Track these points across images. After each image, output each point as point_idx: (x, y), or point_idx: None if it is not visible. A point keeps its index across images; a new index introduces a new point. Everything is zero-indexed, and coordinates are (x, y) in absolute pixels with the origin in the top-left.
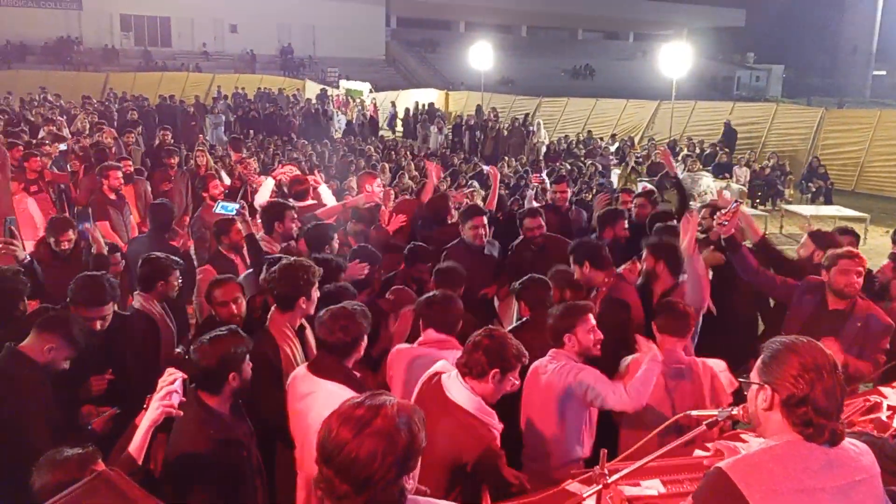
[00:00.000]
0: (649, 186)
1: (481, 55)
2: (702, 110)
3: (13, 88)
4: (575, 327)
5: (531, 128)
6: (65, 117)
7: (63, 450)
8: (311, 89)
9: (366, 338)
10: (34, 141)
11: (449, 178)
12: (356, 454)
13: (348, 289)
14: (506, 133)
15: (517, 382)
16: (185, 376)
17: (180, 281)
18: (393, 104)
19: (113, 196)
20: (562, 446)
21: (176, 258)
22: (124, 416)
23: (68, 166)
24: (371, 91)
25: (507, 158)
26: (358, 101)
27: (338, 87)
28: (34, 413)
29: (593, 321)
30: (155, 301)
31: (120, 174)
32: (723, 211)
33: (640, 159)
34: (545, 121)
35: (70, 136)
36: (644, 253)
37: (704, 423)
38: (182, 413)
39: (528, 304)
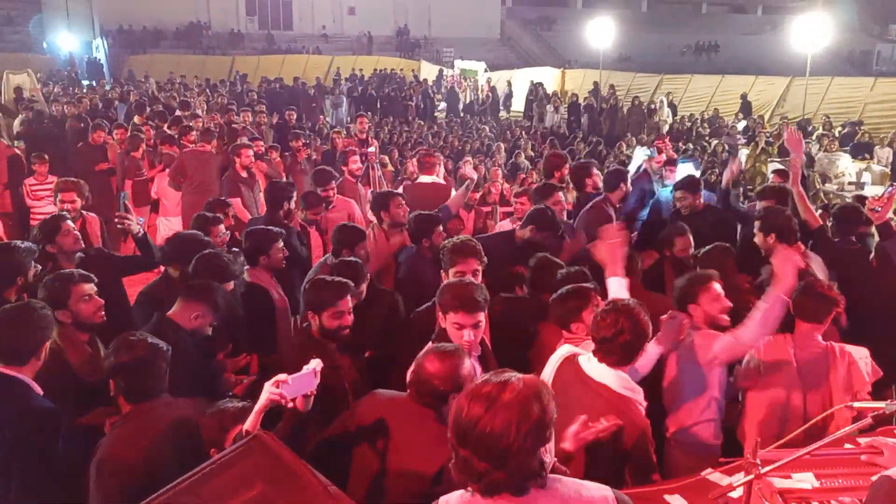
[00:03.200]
0: (780, 167)
1: (600, 31)
2: (838, 87)
3: (149, 72)
4: (698, 296)
5: (652, 106)
6: (200, 98)
7: (227, 401)
8: (427, 70)
9: None
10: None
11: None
12: (490, 428)
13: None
14: (625, 111)
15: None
16: (320, 367)
17: (284, 252)
18: (508, 83)
19: (244, 174)
20: (706, 427)
21: (277, 229)
22: None
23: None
24: (486, 70)
25: (628, 137)
26: (472, 80)
27: (453, 68)
28: (185, 377)
29: (718, 289)
30: (263, 273)
31: (251, 153)
32: (875, 196)
33: (771, 139)
34: (668, 99)
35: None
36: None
37: (870, 415)
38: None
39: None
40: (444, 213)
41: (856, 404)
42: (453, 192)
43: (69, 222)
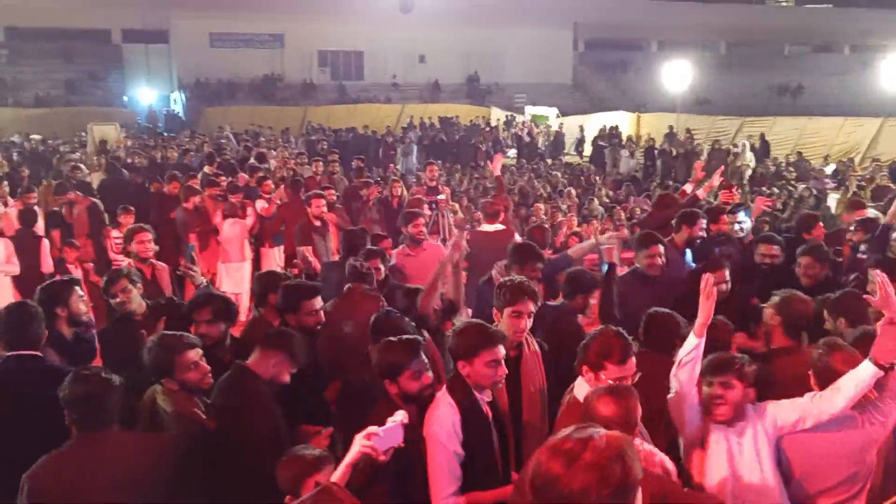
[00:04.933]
0: (873, 213)
1: (676, 74)
2: None
3: (225, 123)
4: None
5: (735, 150)
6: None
7: (303, 447)
8: (497, 116)
9: None
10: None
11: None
12: (569, 489)
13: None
14: (704, 156)
15: None
16: (405, 420)
17: (318, 316)
18: (580, 128)
19: (317, 223)
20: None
21: (313, 284)
22: None
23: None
24: (557, 116)
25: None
26: (543, 126)
27: (523, 113)
28: (265, 427)
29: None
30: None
31: (323, 202)
32: None
33: (863, 182)
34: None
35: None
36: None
37: None
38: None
39: (848, 319)
40: (563, 261)
41: None
42: (517, 237)
43: (78, 289)
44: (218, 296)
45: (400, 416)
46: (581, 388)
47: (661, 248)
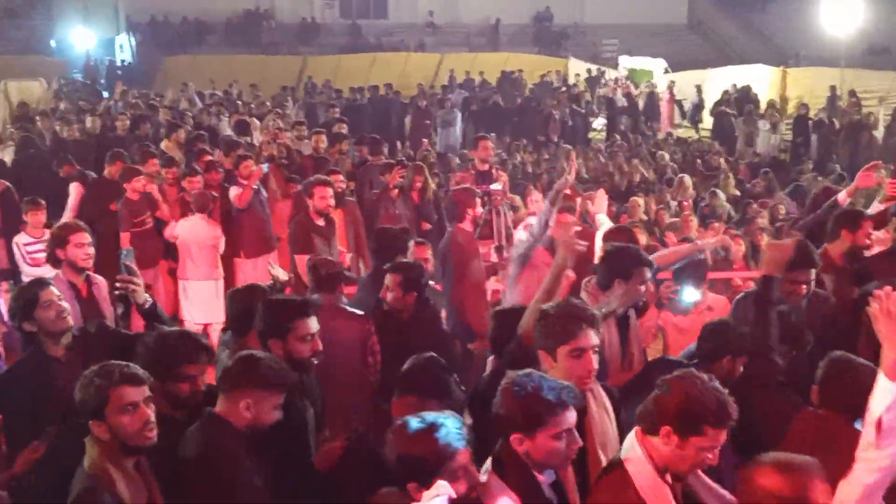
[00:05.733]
0: None
1: (841, 12)
2: None
3: (190, 77)
4: None
5: None
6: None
7: None
8: (577, 70)
9: None
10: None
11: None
12: None
13: None
14: (881, 130)
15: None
16: (452, 495)
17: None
18: (698, 89)
19: (321, 222)
20: None
21: (306, 299)
22: None
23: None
24: (666, 70)
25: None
26: (646, 84)
27: (616, 67)
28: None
29: None
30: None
31: (329, 193)
32: None
33: None
34: None
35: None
36: None
37: None
38: None
39: None
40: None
41: None
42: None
43: (52, 289)
44: (189, 336)
45: (444, 489)
46: (634, 451)
47: (812, 274)
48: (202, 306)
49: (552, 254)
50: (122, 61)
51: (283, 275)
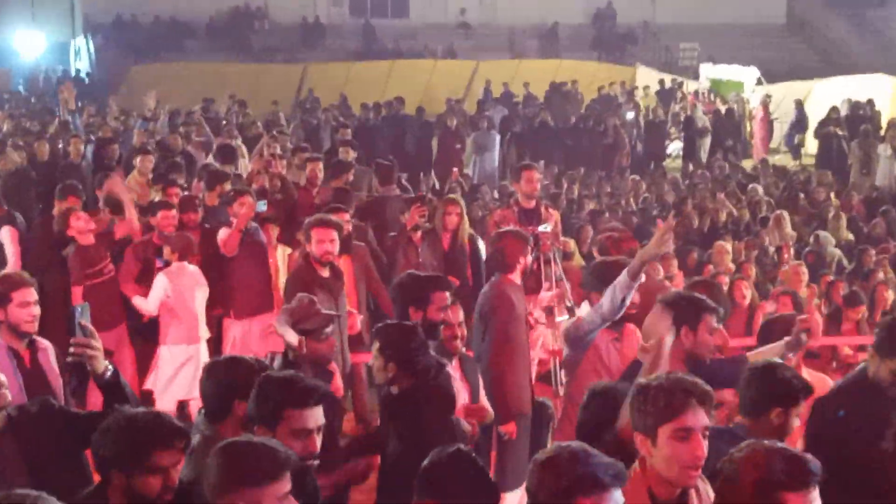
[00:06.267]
0: None
1: None
2: None
3: (164, 90)
4: None
5: None
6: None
7: None
8: (647, 81)
9: None
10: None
11: None
12: None
13: None
14: None
15: None
16: None
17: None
18: (798, 104)
19: (324, 272)
20: None
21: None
22: None
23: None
24: (760, 82)
25: None
26: (734, 98)
27: (696, 78)
28: None
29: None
30: None
31: (334, 235)
32: None
33: None
34: None
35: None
36: None
37: None
38: None
39: None
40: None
41: None
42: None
43: None
44: (160, 417)
45: None
46: None
47: None
48: (179, 377)
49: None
50: (79, 71)
51: (293, 338)
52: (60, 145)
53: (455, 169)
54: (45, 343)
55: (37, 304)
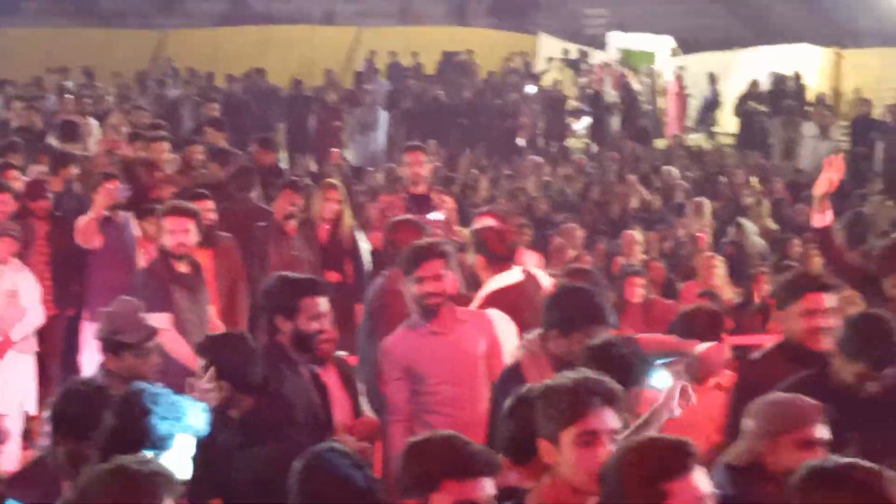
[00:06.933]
0: None
1: None
2: None
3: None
4: None
5: None
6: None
7: None
8: (551, 52)
9: None
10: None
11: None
12: None
13: None
14: None
15: None
16: None
17: None
18: (712, 78)
19: (183, 267)
20: None
21: None
22: None
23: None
24: (675, 53)
25: None
26: (644, 72)
27: (604, 49)
28: None
29: None
30: None
31: (190, 226)
32: None
33: None
34: None
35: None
36: None
37: None
38: None
39: None
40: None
41: None
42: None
43: None
44: None
45: None
46: None
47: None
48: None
49: None
50: None
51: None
52: None
53: (334, 150)
54: None
55: None
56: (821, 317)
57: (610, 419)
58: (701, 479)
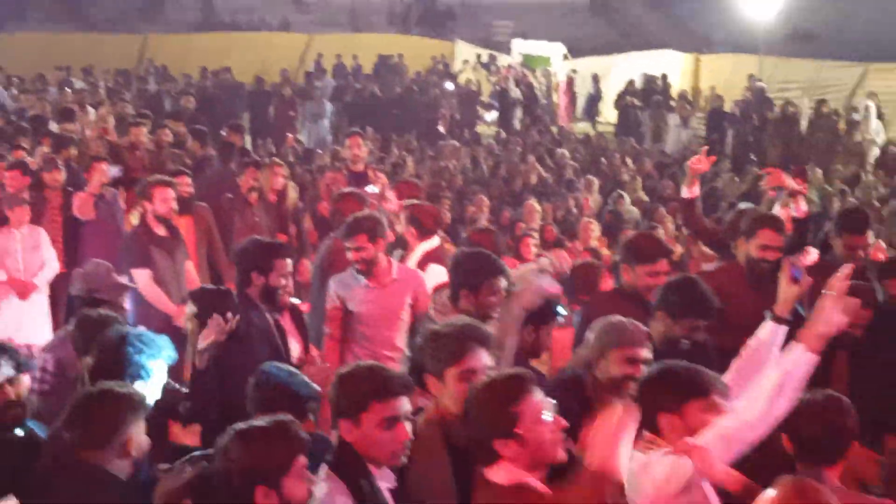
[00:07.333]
0: None
1: None
2: None
3: (5, 63)
4: None
5: (853, 116)
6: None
7: None
8: (466, 56)
9: None
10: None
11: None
12: None
13: None
14: (805, 125)
15: None
16: None
17: None
18: (595, 78)
19: (161, 230)
20: None
21: None
22: None
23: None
24: (566, 57)
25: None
26: (541, 73)
27: (508, 53)
28: None
29: None
30: None
31: (172, 195)
32: None
33: None
34: (882, 101)
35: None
36: None
37: None
38: None
39: None
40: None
41: None
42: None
43: None
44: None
45: None
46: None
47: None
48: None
49: None
50: None
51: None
52: None
53: (290, 135)
54: None
55: None
56: (660, 278)
57: (485, 358)
58: (540, 396)
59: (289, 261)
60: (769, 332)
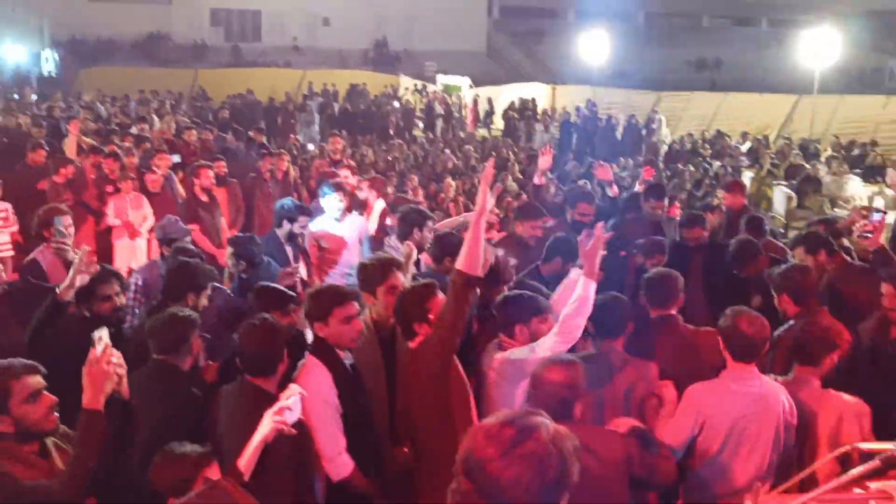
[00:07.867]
0: (788, 191)
1: (593, 46)
2: (848, 105)
3: (102, 87)
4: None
5: (652, 125)
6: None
7: (181, 445)
8: (406, 85)
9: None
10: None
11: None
12: (500, 476)
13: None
14: (620, 132)
15: None
16: (304, 393)
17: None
18: (489, 100)
19: (205, 197)
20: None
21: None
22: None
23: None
24: (471, 86)
25: (622, 159)
26: (455, 96)
27: (435, 83)
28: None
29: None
30: None
31: (212, 174)
32: (864, 222)
33: (776, 160)
34: (667, 117)
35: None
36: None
37: (878, 457)
38: (296, 431)
39: (793, 296)
40: None
41: (863, 446)
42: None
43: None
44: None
45: (297, 389)
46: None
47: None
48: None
49: None
50: (49, 72)
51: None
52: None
53: (291, 135)
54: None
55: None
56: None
57: (402, 278)
58: (441, 296)
59: (307, 217)
60: (576, 278)
